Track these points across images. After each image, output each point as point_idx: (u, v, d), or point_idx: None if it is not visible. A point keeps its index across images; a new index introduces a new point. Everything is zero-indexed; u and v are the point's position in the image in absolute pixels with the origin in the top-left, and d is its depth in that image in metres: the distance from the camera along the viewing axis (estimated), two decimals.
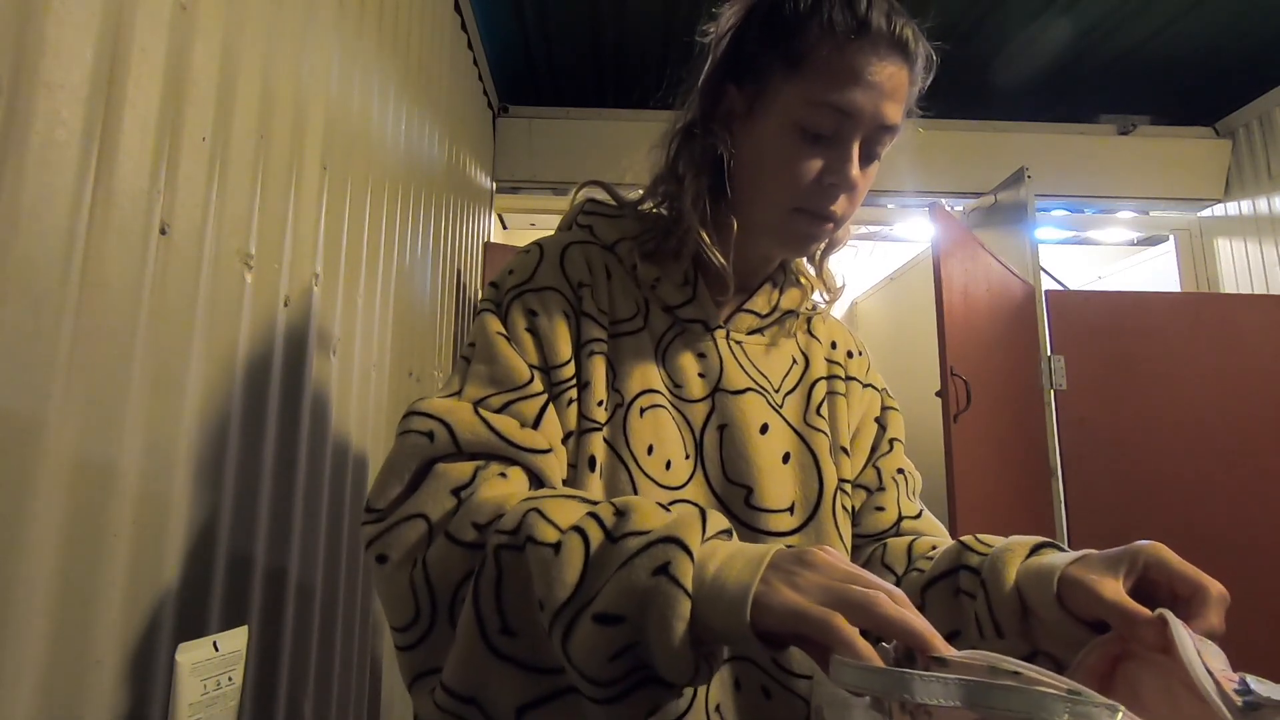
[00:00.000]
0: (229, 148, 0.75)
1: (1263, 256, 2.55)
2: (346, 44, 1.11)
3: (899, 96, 0.60)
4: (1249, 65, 2.41)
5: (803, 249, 0.67)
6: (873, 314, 3.47)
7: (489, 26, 2.19)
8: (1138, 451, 2.16)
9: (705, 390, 0.64)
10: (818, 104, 0.58)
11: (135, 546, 0.60)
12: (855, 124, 0.58)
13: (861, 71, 0.57)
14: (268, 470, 0.83)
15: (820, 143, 0.59)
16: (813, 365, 0.71)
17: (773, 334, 0.70)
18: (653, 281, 0.65)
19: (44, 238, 0.51)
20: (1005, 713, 0.29)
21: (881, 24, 0.58)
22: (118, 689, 0.58)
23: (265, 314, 0.83)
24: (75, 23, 0.54)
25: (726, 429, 0.63)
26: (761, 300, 0.69)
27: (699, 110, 0.65)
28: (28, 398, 0.50)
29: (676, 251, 0.65)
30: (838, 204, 0.61)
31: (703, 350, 0.65)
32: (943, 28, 0.67)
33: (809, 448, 0.65)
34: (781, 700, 0.57)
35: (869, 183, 0.63)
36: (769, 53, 0.61)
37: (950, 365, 1.76)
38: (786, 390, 0.68)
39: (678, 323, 0.66)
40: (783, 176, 0.61)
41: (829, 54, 0.57)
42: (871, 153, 0.61)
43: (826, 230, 0.63)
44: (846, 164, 0.59)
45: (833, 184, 0.60)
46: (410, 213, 1.48)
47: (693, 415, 0.63)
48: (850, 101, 0.57)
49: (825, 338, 0.74)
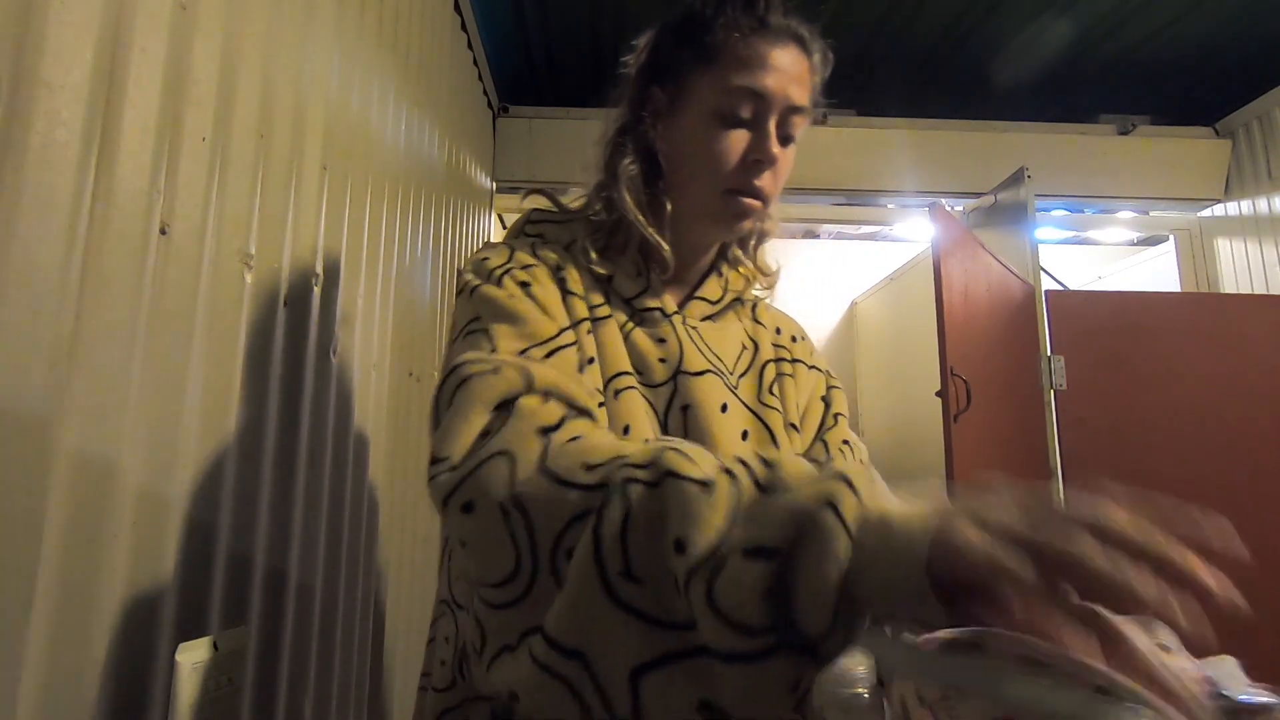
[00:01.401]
0: (229, 148, 0.75)
1: (1263, 256, 2.55)
2: (346, 44, 1.11)
3: (803, 82, 0.67)
4: (1249, 65, 2.41)
5: (737, 229, 0.71)
6: (873, 314, 3.47)
7: (489, 26, 2.19)
8: (1138, 451, 2.16)
9: (667, 374, 0.67)
10: (732, 89, 0.65)
11: (135, 546, 0.60)
12: (768, 104, 0.65)
13: (766, 57, 0.64)
14: (268, 470, 0.83)
15: (739, 125, 0.66)
16: (761, 349, 0.76)
17: (724, 319, 0.75)
18: (608, 276, 0.69)
19: (44, 238, 0.51)
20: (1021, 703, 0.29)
21: (779, 20, 0.66)
22: (118, 689, 0.58)
23: (265, 314, 0.83)
24: (75, 23, 0.54)
25: (689, 409, 0.66)
26: (711, 287, 0.74)
27: (629, 114, 0.71)
28: (27, 398, 0.50)
29: (624, 246, 0.69)
30: (763, 180, 0.67)
31: (662, 335, 0.69)
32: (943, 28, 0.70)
33: (765, 425, 0.69)
34: None
35: (789, 164, 0.69)
36: (684, 53, 0.68)
37: (950, 365, 1.76)
38: (739, 373, 0.72)
39: (635, 312, 0.69)
40: (709, 161, 0.66)
41: (736, 46, 0.65)
42: (788, 133, 0.67)
43: (757, 208, 0.68)
44: (766, 140, 0.65)
45: (756, 160, 0.65)
46: (410, 213, 1.48)
47: (656, 398, 0.66)
48: (760, 83, 0.64)
49: (770, 324, 0.79)
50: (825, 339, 3.62)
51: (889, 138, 2.68)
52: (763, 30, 0.65)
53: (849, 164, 2.68)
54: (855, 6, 2.12)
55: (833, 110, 2.68)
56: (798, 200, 2.78)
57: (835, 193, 2.72)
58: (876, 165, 2.67)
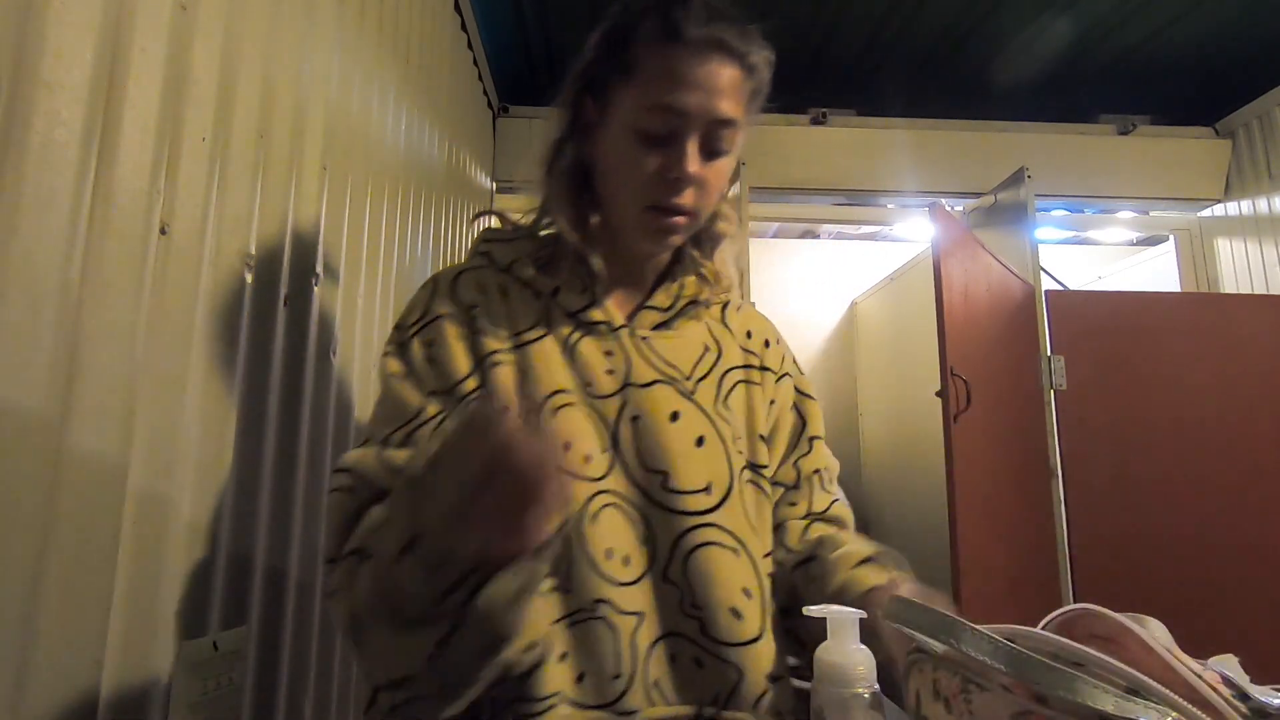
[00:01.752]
0: (229, 148, 0.75)
1: (1263, 256, 2.55)
2: (346, 44, 1.11)
3: (730, 93, 0.64)
4: (1249, 65, 2.41)
5: (661, 243, 0.70)
6: (873, 314, 3.47)
7: (489, 26, 2.19)
8: (1138, 451, 2.16)
9: (615, 386, 0.67)
10: (648, 108, 0.63)
11: (135, 546, 0.60)
12: (686, 122, 0.63)
13: (684, 74, 0.62)
14: (268, 470, 0.83)
15: (658, 143, 0.64)
16: (725, 354, 0.74)
17: (680, 326, 0.74)
18: (552, 290, 0.70)
19: (44, 238, 0.51)
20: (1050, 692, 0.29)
21: (696, 31, 0.62)
22: (118, 689, 0.58)
23: (265, 314, 0.83)
24: (75, 23, 0.54)
25: (639, 420, 0.66)
26: (661, 296, 0.73)
27: (566, 124, 0.71)
28: (27, 397, 0.50)
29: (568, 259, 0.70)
30: (685, 198, 0.66)
31: (609, 349, 0.69)
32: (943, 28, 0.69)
33: (719, 434, 0.69)
34: (713, 669, 0.62)
35: (722, 177, 0.68)
36: (608, 63, 0.67)
37: (950, 365, 1.76)
38: (699, 377, 0.71)
39: (581, 325, 0.69)
40: (629, 178, 0.66)
41: (652, 61, 0.63)
42: (715, 148, 0.65)
43: (680, 224, 0.67)
44: (682, 159, 0.63)
45: (675, 179, 0.64)
46: (410, 213, 1.48)
47: (605, 410, 0.66)
48: (676, 101, 0.62)
49: (739, 328, 0.78)
50: (825, 339, 3.62)
51: (889, 138, 2.68)
52: (680, 44, 0.63)
53: (849, 164, 2.68)
54: (855, 6, 2.12)
55: (833, 110, 2.69)
56: (798, 200, 2.78)
57: (835, 193, 2.72)
58: (876, 165, 2.67)
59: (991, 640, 0.32)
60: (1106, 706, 0.28)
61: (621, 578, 0.62)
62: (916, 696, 0.38)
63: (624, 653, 0.60)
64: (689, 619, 0.63)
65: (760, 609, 0.65)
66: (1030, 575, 1.99)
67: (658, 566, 0.63)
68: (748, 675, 0.62)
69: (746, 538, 0.66)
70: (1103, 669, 0.31)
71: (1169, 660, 0.34)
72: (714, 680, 0.62)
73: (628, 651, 0.60)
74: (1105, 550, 2.09)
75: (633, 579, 0.62)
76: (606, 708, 0.59)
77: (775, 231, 3.68)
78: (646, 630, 0.61)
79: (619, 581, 0.61)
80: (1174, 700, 0.29)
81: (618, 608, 0.61)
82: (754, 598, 0.64)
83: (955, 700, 0.32)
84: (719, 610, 0.62)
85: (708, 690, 0.62)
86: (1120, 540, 2.10)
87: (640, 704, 0.59)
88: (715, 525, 0.65)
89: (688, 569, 0.63)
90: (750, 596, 0.64)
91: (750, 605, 0.64)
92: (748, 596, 0.64)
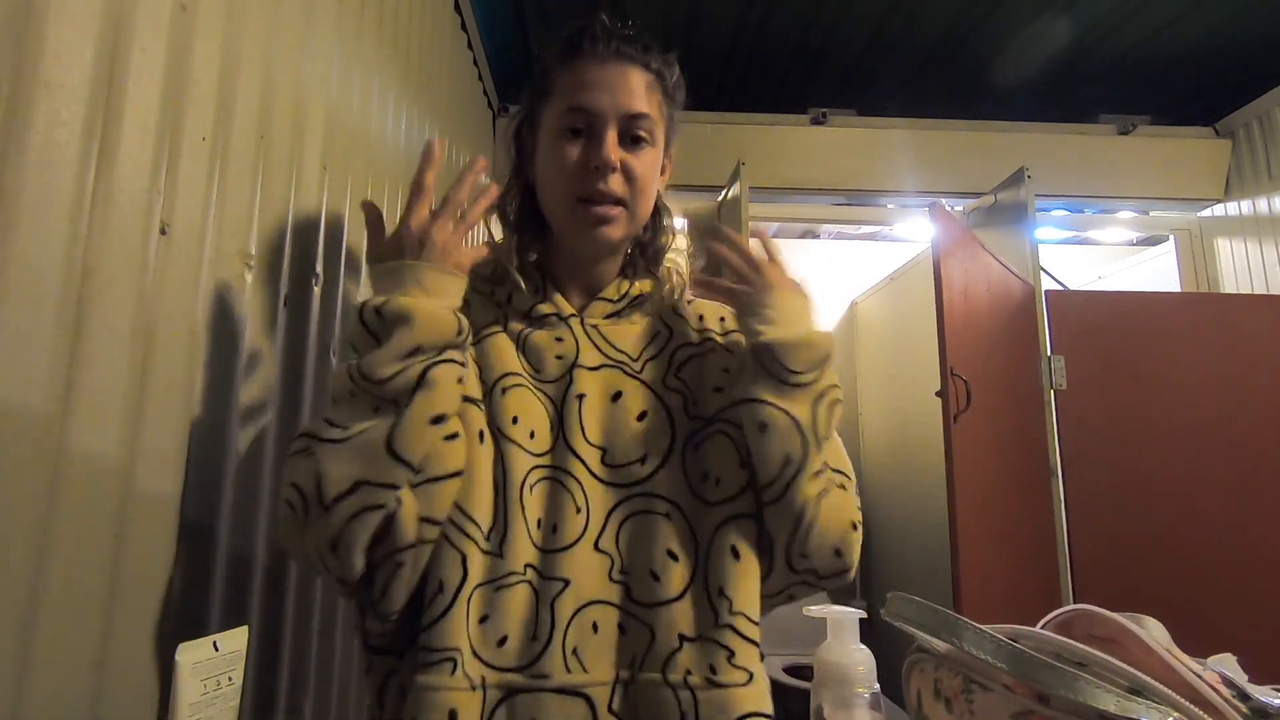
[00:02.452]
0: (229, 148, 0.75)
1: (1263, 256, 2.55)
2: (346, 44, 1.11)
3: (635, 89, 0.73)
4: (1249, 65, 2.41)
5: (597, 236, 0.74)
6: (873, 314, 3.46)
7: (489, 26, 2.19)
8: (1138, 451, 2.16)
9: (563, 369, 0.73)
10: (565, 110, 0.73)
11: (135, 546, 0.60)
12: (600, 116, 0.72)
13: (589, 77, 0.72)
14: (268, 470, 0.83)
15: (579, 137, 0.73)
16: (676, 335, 0.79)
17: (630, 315, 0.79)
18: (505, 298, 0.77)
19: (44, 238, 0.51)
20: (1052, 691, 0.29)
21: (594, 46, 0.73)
22: (118, 689, 0.58)
23: (265, 314, 0.83)
24: (75, 23, 0.54)
25: (584, 399, 0.72)
26: (611, 290, 0.79)
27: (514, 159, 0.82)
28: (27, 397, 0.50)
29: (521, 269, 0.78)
30: (610, 184, 0.72)
31: (559, 335, 0.75)
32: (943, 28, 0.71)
33: (664, 405, 0.74)
34: (635, 632, 0.64)
35: (647, 167, 0.75)
36: (533, 96, 0.79)
37: (950, 365, 1.76)
38: (648, 358, 0.77)
39: (533, 320, 0.76)
40: (557, 175, 0.74)
41: (562, 75, 0.74)
42: (636, 136, 0.74)
43: (610, 214, 0.73)
44: (600, 145, 0.71)
45: (596, 167, 0.71)
46: None
47: (552, 391, 0.72)
48: (586, 99, 0.72)
49: (692, 315, 0.82)
50: None
51: (889, 138, 2.68)
52: (584, 56, 0.73)
53: (849, 164, 2.68)
54: (855, 6, 2.13)
55: (833, 110, 2.69)
56: (798, 200, 2.78)
57: (835, 193, 2.72)
58: (876, 165, 2.67)
59: (994, 639, 0.32)
60: (1109, 706, 0.28)
61: (548, 545, 0.65)
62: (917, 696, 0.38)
63: (544, 617, 0.62)
64: (615, 584, 0.65)
65: (687, 570, 0.66)
66: (1030, 575, 1.99)
67: (588, 535, 0.66)
68: (658, 635, 0.63)
69: (683, 499, 0.69)
70: (1105, 669, 0.31)
71: (1169, 660, 0.34)
72: (634, 643, 0.64)
73: (546, 616, 0.62)
74: (1105, 550, 2.09)
75: (561, 546, 0.65)
76: (521, 670, 0.61)
77: (775, 231, 3.67)
78: (569, 597, 0.63)
79: (546, 549, 0.65)
80: (1176, 700, 0.29)
81: (542, 573, 0.64)
82: (679, 559, 0.66)
83: (957, 700, 0.32)
84: (641, 573, 0.65)
85: (626, 654, 0.63)
86: (1120, 540, 2.10)
87: (556, 670, 0.61)
88: (649, 494, 0.68)
89: (619, 538, 0.67)
90: (675, 559, 0.66)
91: (673, 567, 0.66)
92: (672, 559, 0.66)
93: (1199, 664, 0.36)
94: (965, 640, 0.32)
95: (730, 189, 2.36)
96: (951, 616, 0.34)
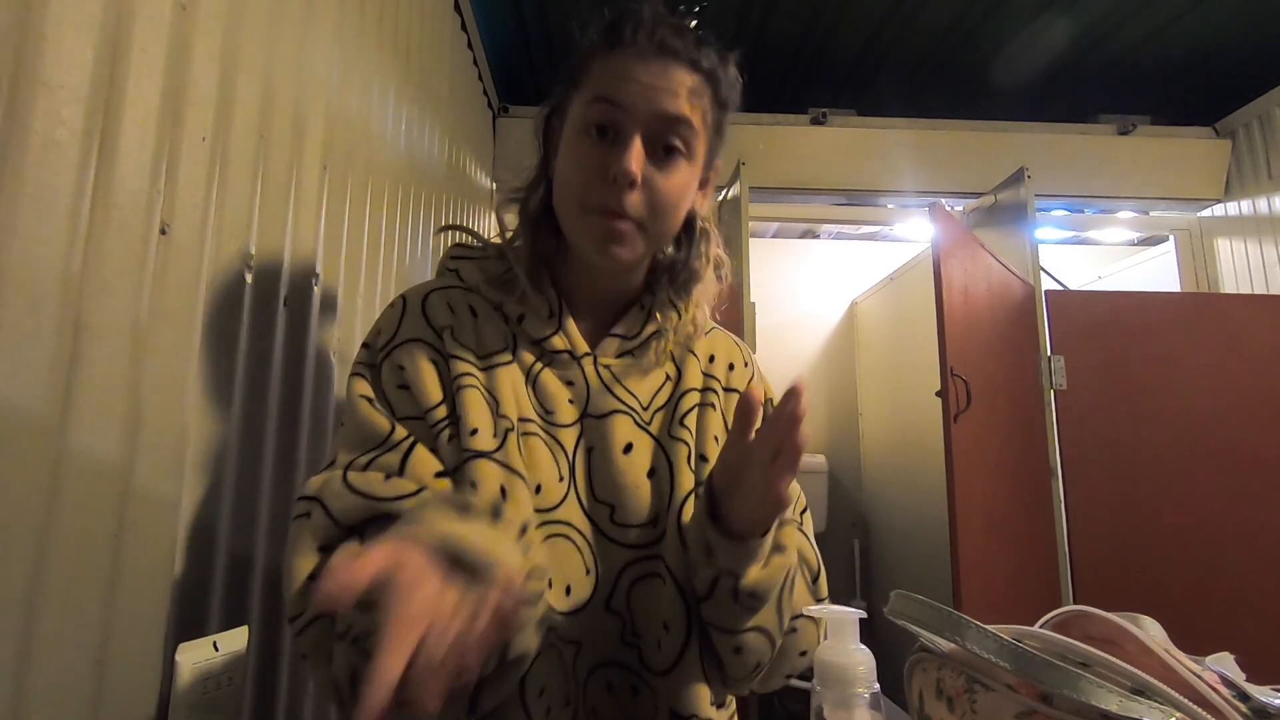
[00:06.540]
0: (229, 148, 0.75)
1: (1263, 256, 2.55)
2: (346, 44, 1.11)
3: (677, 91, 0.63)
4: (1249, 65, 2.41)
5: (606, 252, 0.65)
6: (873, 314, 3.46)
7: (489, 26, 2.19)
8: (1138, 451, 2.16)
9: (575, 415, 0.67)
10: (592, 101, 0.63)
11: (135, 546, 0.60)
12: (628, 116, 0.62)
13: (626, 71, 0.63)
14: (268, 470, 0.83)
15: (603, 138, 0.63)
16: (684, 379, 0.73)
17: (643, 353, 0.72)
18: (518, 317, 0.69)
19: (44, 238, 0.51)
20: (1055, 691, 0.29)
21: (639, 37, 0.63)
22: (118, 689, 0.58)
23: (265, 314, 0.83)
24: (75, 23, 0.54)
25: (594, 451, 0.67)
26: (627, 324, 0.72)
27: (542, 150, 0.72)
28: (27, 397, 0.50)
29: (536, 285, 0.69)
30: (627, 201, 0.63)
31: (571, 378, 0.69)
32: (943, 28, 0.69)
33: (667, 458, 0.68)
34: (646, 696, 0.63)
35: (676, 188, 0.65)
36: (565, 83, 0.68)
37: (950, 365, 1.76)
38: (657, 407, 0.71)
39: (545, 354, 0.69)
40: (572, 178, 0.65)
41: (598, 65, 0.64)
42: (669, 145, 0.64)
43: (623, 231, 0.64)
44: (622, 153, 0.62)
45: (615, 177, 0.62)
46: (410, 213, 1.48)
47: (565, 439, 0.66)
48: (616, 93, 0.62)
49: (704, 353, 0.76)
50: (825, 339, 3.61)
51: (889, 138, 2.68)
52: (619, 46, 0.63)
53: (849, 164, 2.68)
54: (855, 6, 2.13)
55: (833, 110, 2.69)
56: (798, 200, 2.78)
57: (835, 193, 2.72)
58: (876, 165, 2.67)
59: (997, 639, 0.32)
60: (1111, 706, 0.28)
61: (562, 607, 0.62)
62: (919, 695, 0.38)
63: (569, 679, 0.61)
64: (628, 648, 0.64)
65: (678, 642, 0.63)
66: (1030, 575, 1.99)
67: (599, 597, 0.64)
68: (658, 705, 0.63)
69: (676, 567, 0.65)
70: (1108, 669, 0.31)
71: (1168, 660, 0.34)
72: (645, 707, 0.63)
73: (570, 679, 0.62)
74: (1105, 550, 2.09)
75: (572, 609, 0.62)
76: None
77: (775, 231, 3.67)
78: (583, 659, 0.62)
79: (560, 611, 0.61)
80: (1179, 701, 0.29)
81: (560, 635, 0.61)
82: (671, 630, 0.63)
83: (959, 699, 0.32)
84: (650, 639, 0.64)
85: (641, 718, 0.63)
86: (1120, 540, 2.10)
87: None
88: (656, 557, 0.65)
89: (631, 600, 0.64)
90: (668, 630, 0.63)
91: (666, 638, 0.63)
92: (665, 629, 0.64)
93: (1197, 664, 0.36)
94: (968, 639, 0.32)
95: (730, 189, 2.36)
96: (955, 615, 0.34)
